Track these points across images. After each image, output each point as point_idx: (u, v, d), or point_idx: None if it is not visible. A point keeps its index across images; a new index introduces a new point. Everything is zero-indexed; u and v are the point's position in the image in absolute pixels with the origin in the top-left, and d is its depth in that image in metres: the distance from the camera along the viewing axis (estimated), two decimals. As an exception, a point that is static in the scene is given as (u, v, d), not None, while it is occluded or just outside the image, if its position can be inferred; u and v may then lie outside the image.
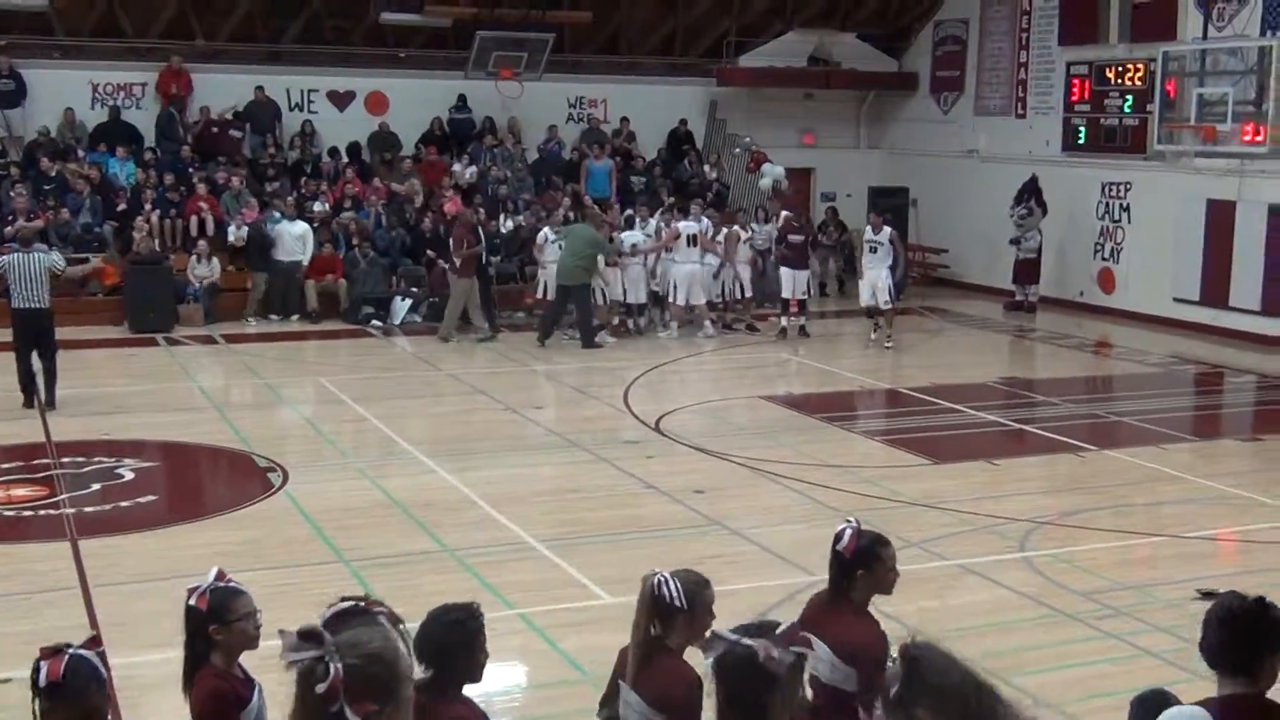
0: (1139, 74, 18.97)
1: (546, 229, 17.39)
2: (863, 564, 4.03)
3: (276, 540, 8.71)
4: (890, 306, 16.33)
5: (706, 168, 22.00)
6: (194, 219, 18.56)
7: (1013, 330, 18.61)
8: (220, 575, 3.66)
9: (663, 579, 3.65)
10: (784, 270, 17.33)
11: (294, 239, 18.05)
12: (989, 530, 9.14)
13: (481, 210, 18.47)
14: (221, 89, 20.00)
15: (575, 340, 16.40)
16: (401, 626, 3.03)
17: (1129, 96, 19.18)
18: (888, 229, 16.42)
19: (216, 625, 3.59)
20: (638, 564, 8.25)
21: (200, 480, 11.14)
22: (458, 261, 16.41)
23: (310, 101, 20.79)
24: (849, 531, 4.06)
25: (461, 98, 21.35)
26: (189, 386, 13.93)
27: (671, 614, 3.63)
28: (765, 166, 21.31)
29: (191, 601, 3.60)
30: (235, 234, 18.26)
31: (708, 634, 3.25)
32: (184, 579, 7.92)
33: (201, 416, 12.43)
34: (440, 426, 12.53)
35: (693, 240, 17.12)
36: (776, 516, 9.48)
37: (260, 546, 8.49)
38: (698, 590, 3.71)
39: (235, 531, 8.96)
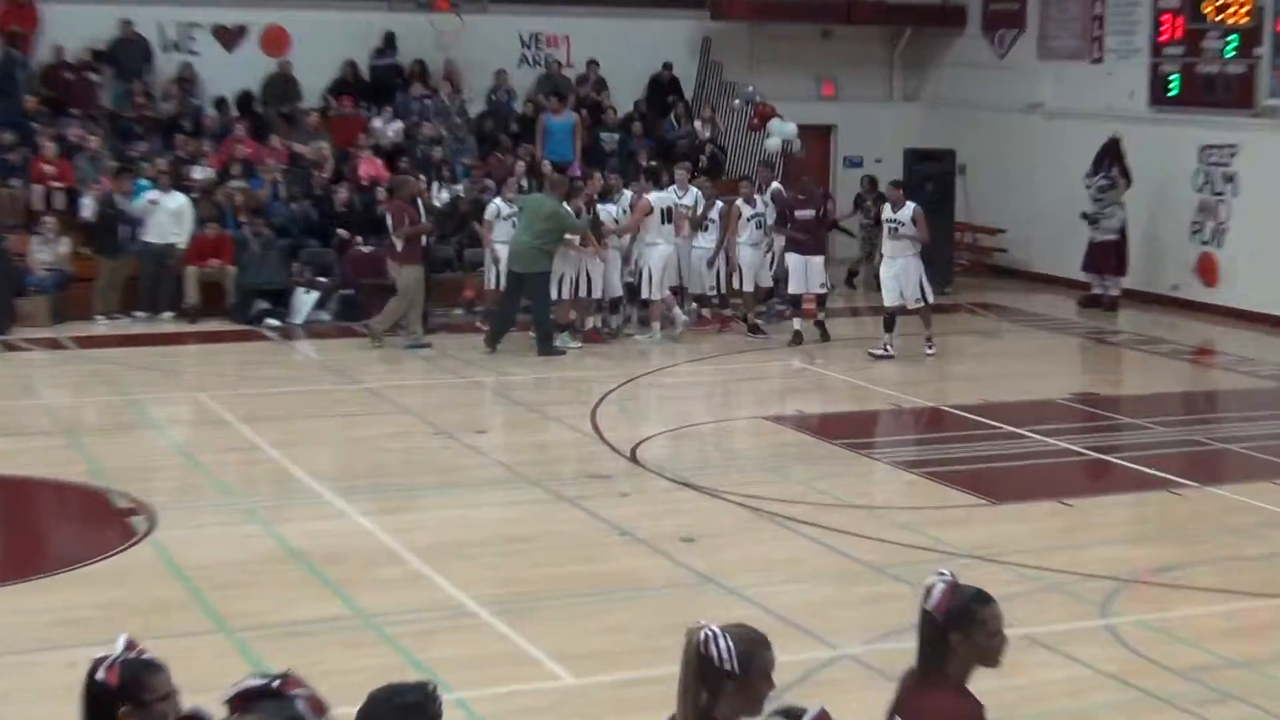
0: (1244, 9, 19.05)
1: (498, 201, 17.31)
2: (958, 627, 4.01)
3: (140, 604, 8.62)
4: (921, 304, 16.25)
5: (697, 124, 21.98)
6: (39, 189, 18.42)
7: (1089, 333, 18.65)
8: (131, 644, 3.67)
9: (710, 635, 3.72)
10: (792, 258, 17.25)
11: (168, 215, 17.95)
12: (1062, 590, 9.12)
13: (422, 177, 18.34)
14: (77, 23, 19.88)
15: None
16: (328, 715, 3.00)
17: (1232, 37, 19.25)
18: (910, 205, 16.39)
19: (129, 707, 3.59)
20: (606, 634, 8.29)
21: (42, 526, 11.04)
22: (399, 244, 16.33)
23: (190, 39, 20.70)
24: (941, 586, 4.04)
25: (388, 37, 21.31)
26: (30, 404, 13.81)
27: (719, 679, 3.69)
28: (773, 124, 21.28)
29: (99, 675, 3.60)
30: (91, 208, 18.14)
31: None
32: (21, 655, 7.80)
33: (45, 443, 12.32)
34: (354, 456, 12.47)
35: (668, 215, 17.14)
36: (786, 572, 9.44)
37: (119, 612, 8.38)
38: (754, 650, 3.76)
39: (87, 592, 8.85)
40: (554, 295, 16.38)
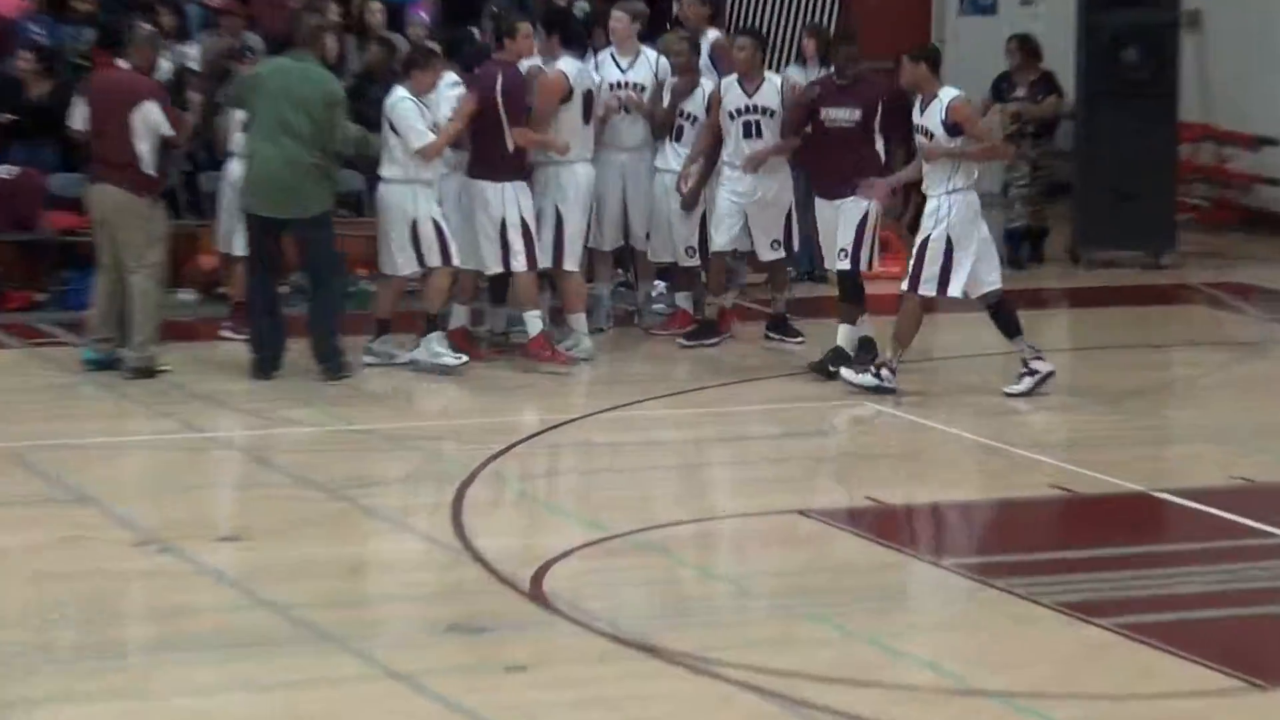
0: None
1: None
2: None
3: None
4: (978, 291, 16.39)
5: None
6: None
7: None
8: None
9: None
10: (822, 204, 17.84)
11: None
12: None
13: (147, 26, 18.38)
14: None
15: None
16: None
17: None
18: (948, 93, 16.47)
19: None
20: None
21: None
22: (147, 156, 16.86)
23: None
24: None
25: None
26: None
27: None
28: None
29: None
30: None
31: None
32: None
33: None
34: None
35: (590, 105, 17.89)
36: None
37: None
38: None
39: None
40: (411, 265, 16.76)
